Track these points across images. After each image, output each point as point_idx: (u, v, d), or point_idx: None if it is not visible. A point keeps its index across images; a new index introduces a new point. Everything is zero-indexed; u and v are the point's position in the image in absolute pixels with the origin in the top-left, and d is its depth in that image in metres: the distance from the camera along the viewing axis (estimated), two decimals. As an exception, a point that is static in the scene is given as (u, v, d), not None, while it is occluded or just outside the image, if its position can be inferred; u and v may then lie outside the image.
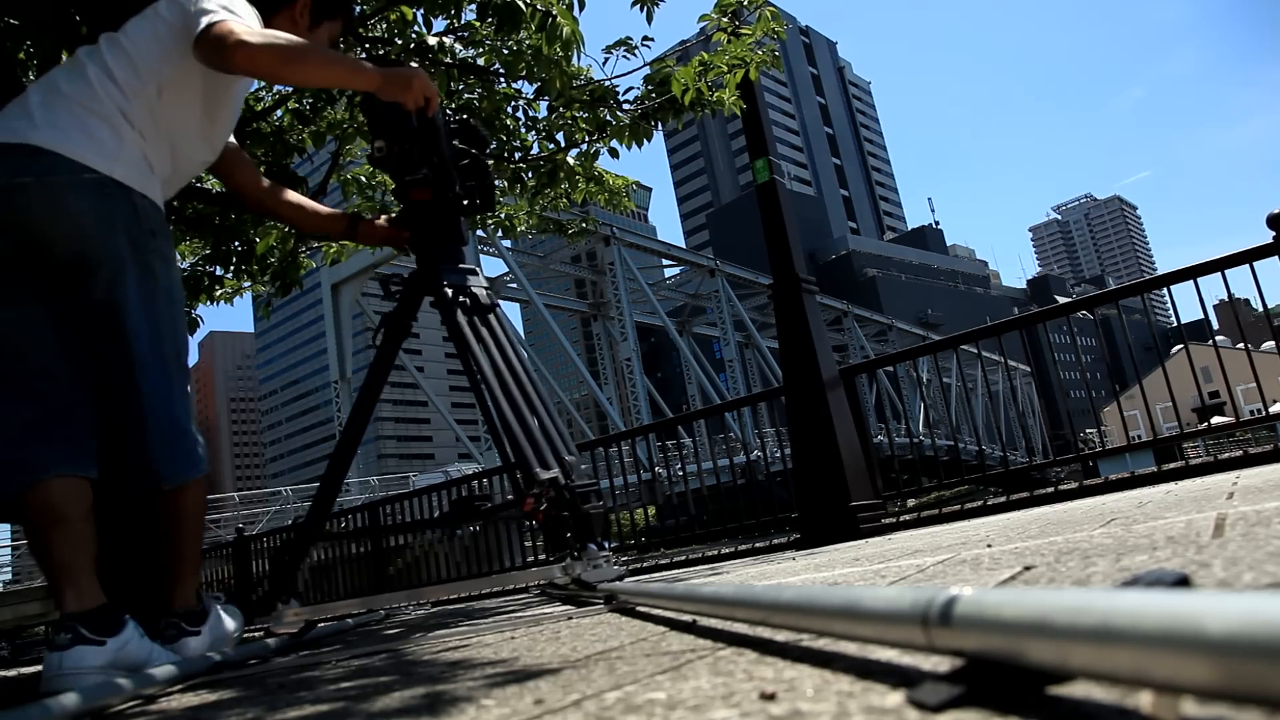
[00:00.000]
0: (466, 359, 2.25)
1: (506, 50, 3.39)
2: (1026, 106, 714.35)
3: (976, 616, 0.51)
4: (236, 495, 24.70)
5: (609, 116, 3.77)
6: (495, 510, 2.64)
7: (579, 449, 5.92)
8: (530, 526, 5.33)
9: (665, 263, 35.00)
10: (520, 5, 2.74)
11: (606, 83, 3.69)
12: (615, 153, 3.91)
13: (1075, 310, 4.86)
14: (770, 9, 3.66)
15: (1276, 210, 3.72)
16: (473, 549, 6.36)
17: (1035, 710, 0.48)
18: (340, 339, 25.40)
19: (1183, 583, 0.51)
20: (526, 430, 2.12)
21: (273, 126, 3.88)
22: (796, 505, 4.32)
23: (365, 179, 4.55)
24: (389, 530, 7.42)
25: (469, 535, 6.31)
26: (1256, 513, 1.45)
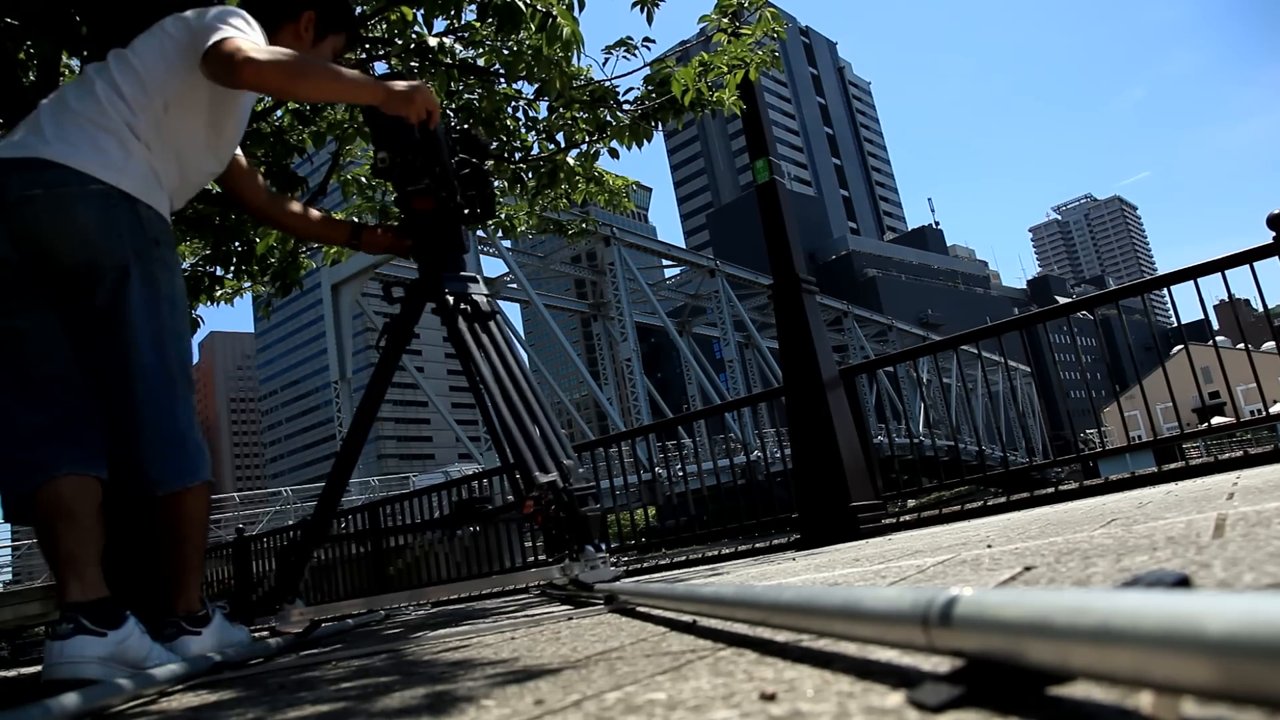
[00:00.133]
0: (468, 365, 2.31)
1: (506, 51, 3.39)
2: (1026, 106, 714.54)
3: (977, 617, 0.51)
4: (236, 495, 24.70)
5: (609, 117, 3.78)
6: (496, 512, 2.67)
7: (579, 449, 5.97)
8: (530, 528, 5.34)
9: (665, 263, 34.96)
10: (520, 5, 2.74)
11: (606, 83, 3.69)
12: (615, 153, 3.92)
13: (1075, 310, 4.86)
14: (770, 9, 3.66)
15: (1276, 210, 3.72)
16: (473, 549, 6.36)
17: (1035, 710, 0.48)
18: (340, 339, 25.37)
19: (1183, 583, 0.51)
20: (526, 435, 2.18)
21: (273, 127, 3.88)
22: (796, 505, 4.32)
23: (365, 179, 4.55)
24: (389, 531, 7.42)
25: (469, 536, 6.32)
26: (1257, 513, 1.45)
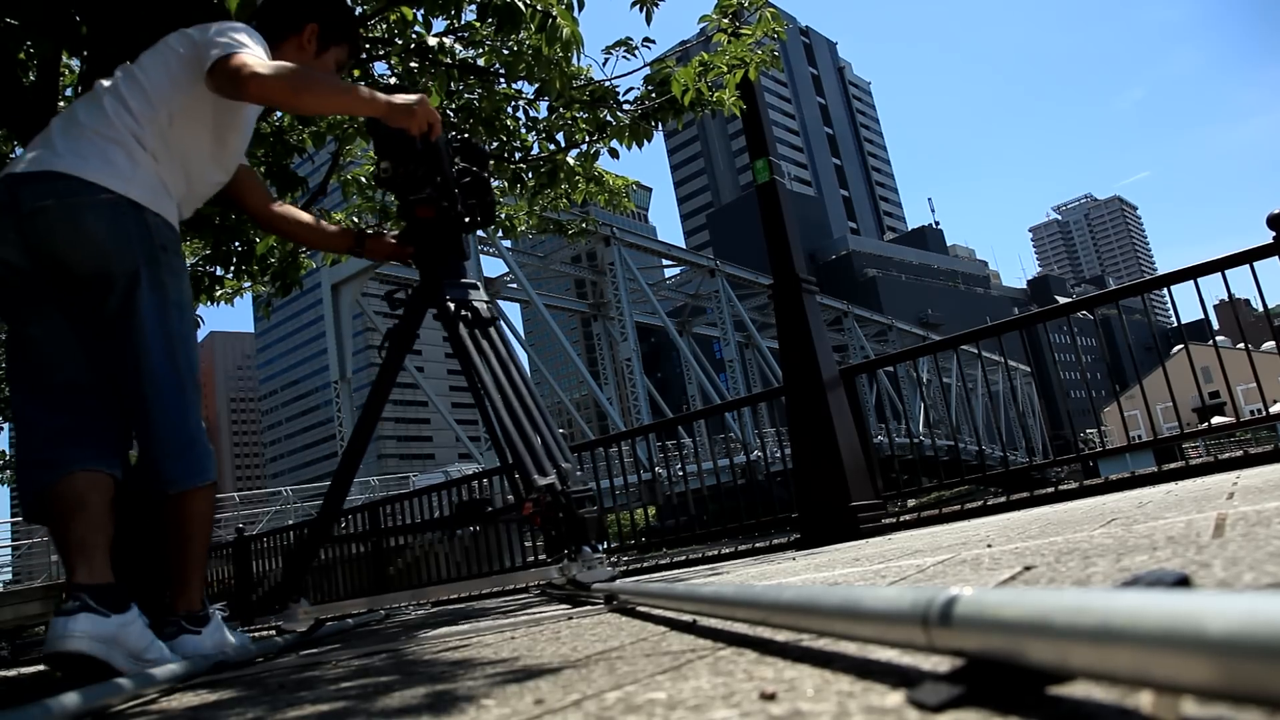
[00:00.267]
0: (469, 371, 2.36)
1: (506, 51, 3.39)
2: (1026, 106, 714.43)
3: (977, 616, 0.51)
4: (237, 495, 24.65)
5: (609, 117, 3.78)
6: (497, 514, 2.71)
7: (579, 449, 5.97)
8: (529, 528, 5.36)
9: (665, 263, 34.92)
10: (520, 6, 2.74)
11: (606, 83, 3.69)
12: (615, 153, 3.92)
13: (1075, 310, 4.86)
14: (770, 9, 3.66)
15: (1276, 210, 3.72)
16: (473, 549, 6.36)
17: (1035, 710, 0.48)
18: (340, 339, 25.34)
19: (1183, 583, 0.51)
20: (525, 439, 2.23)
21: (272, 126, 3.88)
22: (796, 505, 4.32)
23: (365, 179, 4.56)
24: (390, 531, 7.42)
25: (469, 535, 6.33)
26: (1257, 513, 1.45)
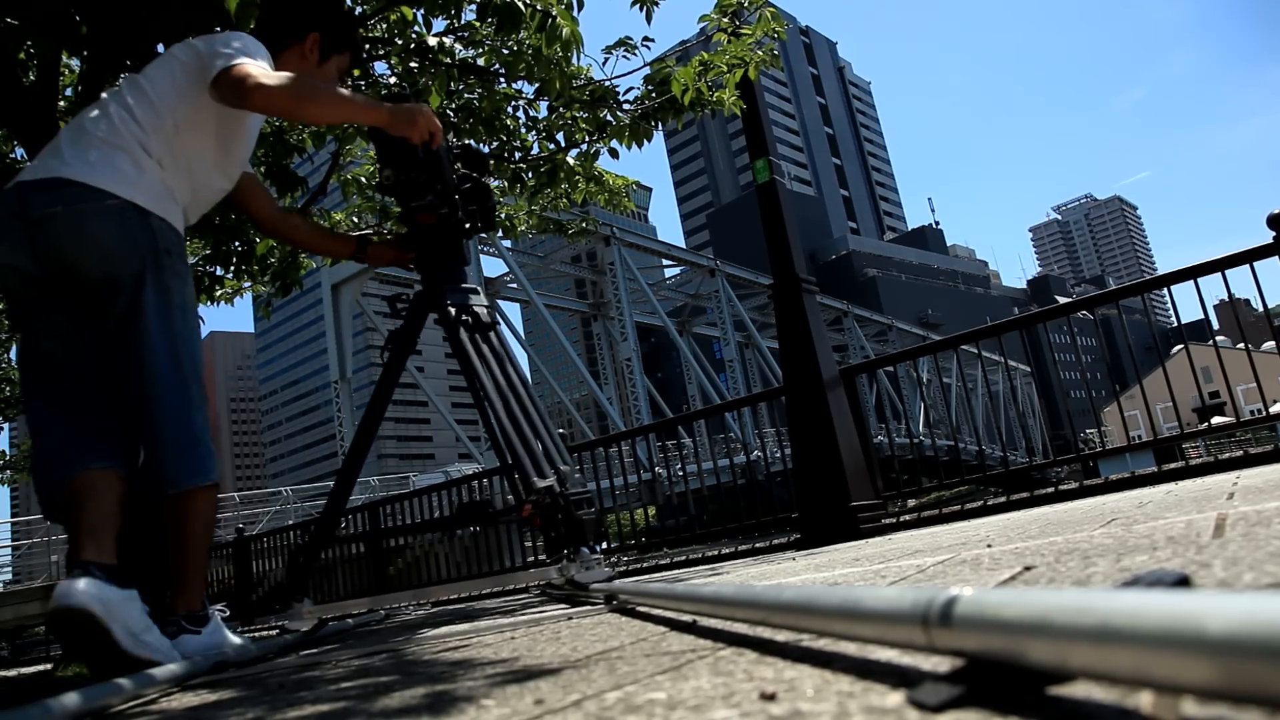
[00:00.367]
0: (470, 375, 2.39)
1: (506, 50, 3.39)
2: (1026, 106, 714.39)
3: (977, 617, 0.51)
4: (237, 495, 24.63)
5: (609, 116, 3.77)
6: (497, 515, 2.73)
7: (579, 450, 5.97)
8: (529, 529, 5.36)
9: (665, 263, 34.91)
10: (520, 5, 2.74)
11: (606, 83, 3.69)
12: (615, 153, 3.92)
13: (1075, 310, 4.86)
14: (770, 9, 3.66)
15: (1276, 210, 3.72)
16: (473, 549, 6.36)
17: (1035, 710, 0.48)
18: (340, 339, 25.36)
19: (1183, 583, 0.51)
20: (525, 442, 2.27)
21: (272, 127, 3.87)
22: (796, 505, 4.32)
23: (365, 179, 4.55)
24: (390, 531, 7.42)
25: (469, 536, 6.33)
26: (1257, 513, 1.45)
